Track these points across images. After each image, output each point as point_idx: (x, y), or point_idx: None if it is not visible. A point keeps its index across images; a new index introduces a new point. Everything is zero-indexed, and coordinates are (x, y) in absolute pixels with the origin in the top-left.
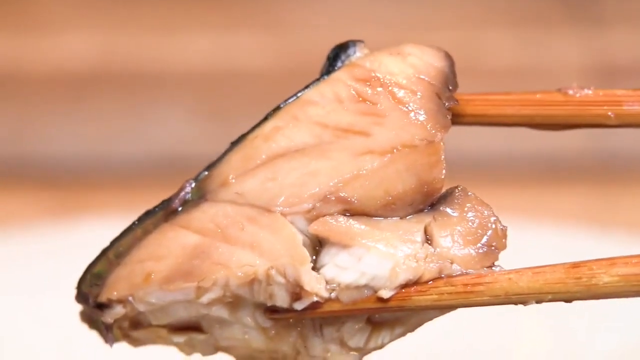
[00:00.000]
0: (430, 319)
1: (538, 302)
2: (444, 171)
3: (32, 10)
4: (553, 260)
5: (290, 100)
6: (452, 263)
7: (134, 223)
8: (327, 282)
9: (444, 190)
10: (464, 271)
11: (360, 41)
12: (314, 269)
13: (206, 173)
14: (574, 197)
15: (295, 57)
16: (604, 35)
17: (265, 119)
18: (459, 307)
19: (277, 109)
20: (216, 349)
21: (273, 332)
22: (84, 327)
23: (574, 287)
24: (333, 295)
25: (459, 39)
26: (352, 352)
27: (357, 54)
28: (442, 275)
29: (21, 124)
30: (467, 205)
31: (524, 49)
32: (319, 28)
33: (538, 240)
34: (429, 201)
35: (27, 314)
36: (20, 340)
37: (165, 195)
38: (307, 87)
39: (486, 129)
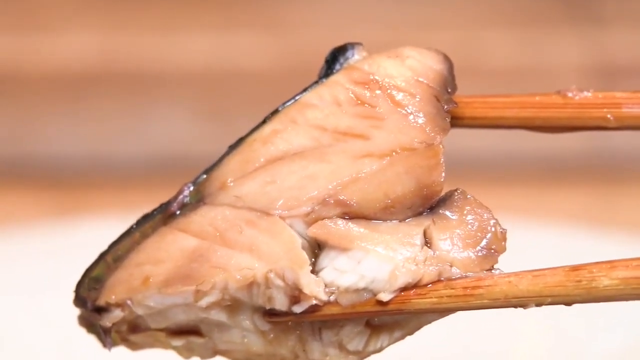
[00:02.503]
0: (430, 322)
1: (538, 305)
2: (443, 174)
3: (33, 10)
4: (552, 261)
5: (288, 104)
6: (451, 266)
7: (132, 226)
8: (326, 285)
9: (443, 193)
10: (464, 274)
11: (359, 44)
12: (313, 272)
13: (204, 176)
14: (574, 197)
15: (295, 57)
16: (604, 35)
17: (264, 122)
18: (459, 310)
19: (276, 112)
20: (215, 352)
21: (272, 335)
22: (81, 332)
23: (574, 290)
24: (332, 298)
25: (459, 39)
26: (350, 356)
27: (355, 56)
28: (442, 279)
29: (21, 124)
30: (467, 208)
31: (524, 49)
32: (319, 28)
33: (538, 241)
34: (428, 204)
35: (27, 314)
36: (20, 340)
37: (165, 195)
38: (305, 90)
39: (485, 131)
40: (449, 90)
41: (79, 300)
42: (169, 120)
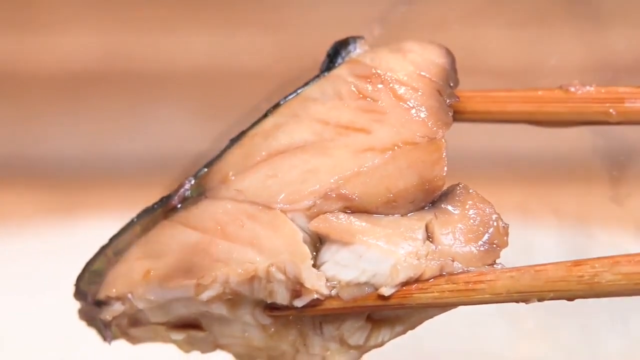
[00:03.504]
0: (431, 316)
1: (540, 300)
2: (445, 168)
3: (33, 9)
4: (553, 259)
5: (290, 97)
6: (453, 261)
7: (132, 220)
8: (327, 280)
9: (445, 187)
10: (466, 269)
11: (361, 37)
12: (314, 266)
13: (205, 170)
14: (575, 196)
15: (296, 56)
16: (605, 33)
17: (265, 115)
18: (460, 304)
19: (277, 105)
20: (215, 346)
21: (272, 329)
22: (84, 326)
23: (576, 285)
24: (333, 292)
25: (459, 37)
26: (351, 350)
27: (357, 50)
28: (444, 273)
29: (21, 123)
30: (469, 202)
31: (524, 47)
32: (320, 27)
33: (538, 239)
34: (430, 198)
35: (26, 313)
36: (20, 340)
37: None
38: (307, 83)
39: (487, 127)
40: (451, 84)
41: (80, 294)
42: (169, 119)
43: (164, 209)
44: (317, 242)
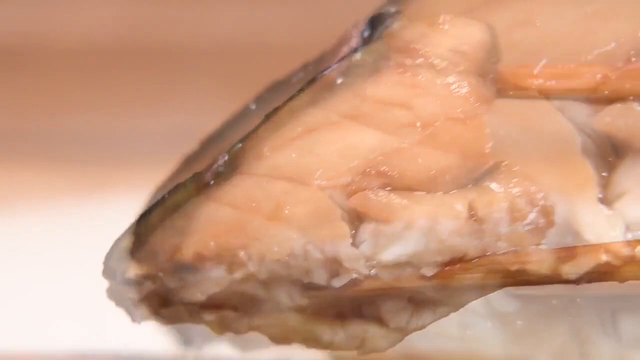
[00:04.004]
0: (474, 298)
1: (588, 282)
2: (488, 145)
3: None
4: None
5: (326, 72)
6: (497, 240)
7: (164, 196)
8: (366, 259)
9: (488, 165)
10: (510, 249)
11: (398, 11)
12: (353, 244)
13: (240, 145)
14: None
15: (329, 31)
16: None
17: (301, 90)
18: (505, 286)
19: (313, 80)
20: (249, 327)
21: (309, 310)
22: (110, 305)
23: (628, 266)
24: (373, 272)
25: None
26: (392, 333)
27: (395, 24)
28: (487, 253)
29: (45, 99)
30: (513, 180)
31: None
32: (349, 1)
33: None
34: (473, 176)
35: (52, 292)
36: (44, 319)
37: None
38: (343, 58)
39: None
40: (493, 59)
41: (109, 272)
42: (198, 95)
43: (196, 185)
44: (356, 220)
